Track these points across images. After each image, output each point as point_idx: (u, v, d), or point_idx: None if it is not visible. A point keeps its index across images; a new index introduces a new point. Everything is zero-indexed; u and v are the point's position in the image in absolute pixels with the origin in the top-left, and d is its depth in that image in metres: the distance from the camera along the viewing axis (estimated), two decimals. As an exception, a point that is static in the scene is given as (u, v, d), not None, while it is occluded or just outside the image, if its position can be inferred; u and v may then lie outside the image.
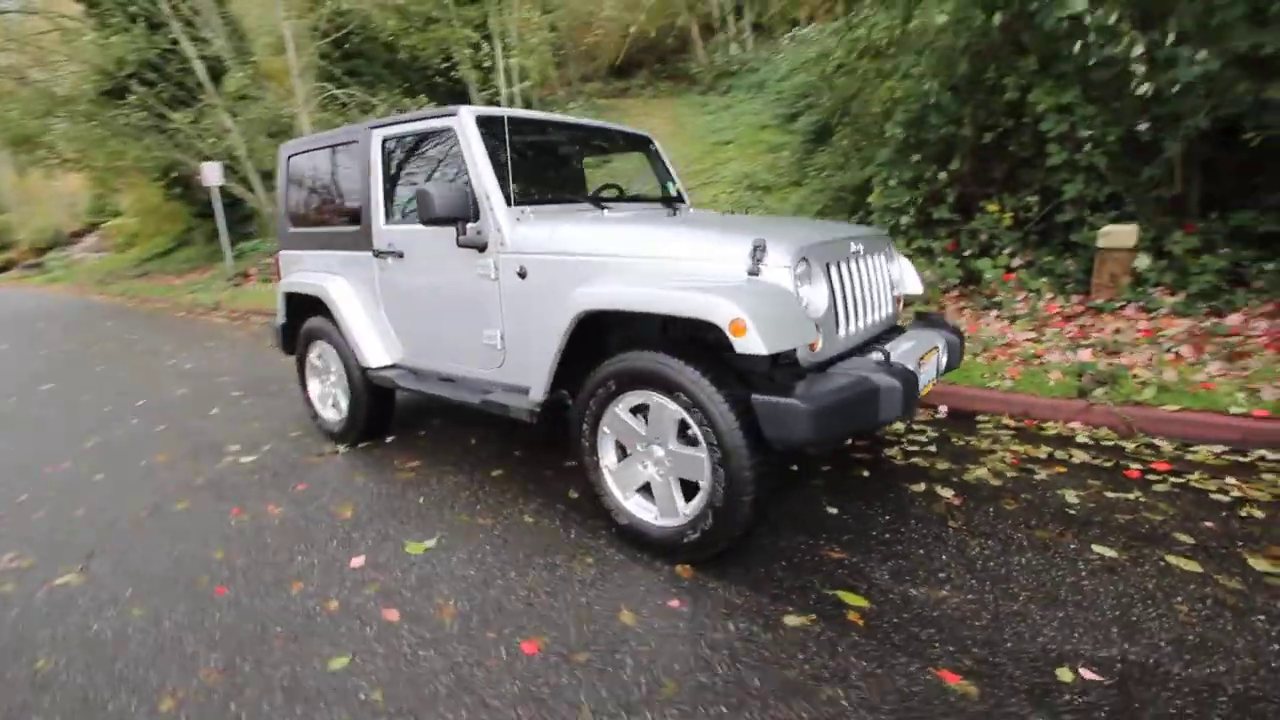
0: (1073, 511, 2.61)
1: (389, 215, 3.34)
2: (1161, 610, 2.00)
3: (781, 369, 2.20)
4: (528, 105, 15.49)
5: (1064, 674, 1.77)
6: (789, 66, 13.69)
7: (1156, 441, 3.17)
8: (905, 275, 3.16)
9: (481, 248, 2.87)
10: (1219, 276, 3.96)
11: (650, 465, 2.42)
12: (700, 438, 2.20)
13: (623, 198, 3.48)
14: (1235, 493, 2.66)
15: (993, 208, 5.18)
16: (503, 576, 2.40)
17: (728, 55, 17.68)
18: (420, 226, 3.18)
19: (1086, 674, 1.76)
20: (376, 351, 3.52)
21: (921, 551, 2.39)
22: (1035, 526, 2.51)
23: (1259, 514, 2.49)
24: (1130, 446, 3.16)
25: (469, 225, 2.87)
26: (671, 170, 3.91)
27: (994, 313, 4.73)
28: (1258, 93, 3.79)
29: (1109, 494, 2.73)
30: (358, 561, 2.56)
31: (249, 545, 2.75)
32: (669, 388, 2.23)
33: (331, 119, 12.84)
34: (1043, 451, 3.17)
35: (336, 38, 13.28)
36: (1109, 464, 3.00)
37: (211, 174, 12.32)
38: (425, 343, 3.32)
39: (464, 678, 1.88)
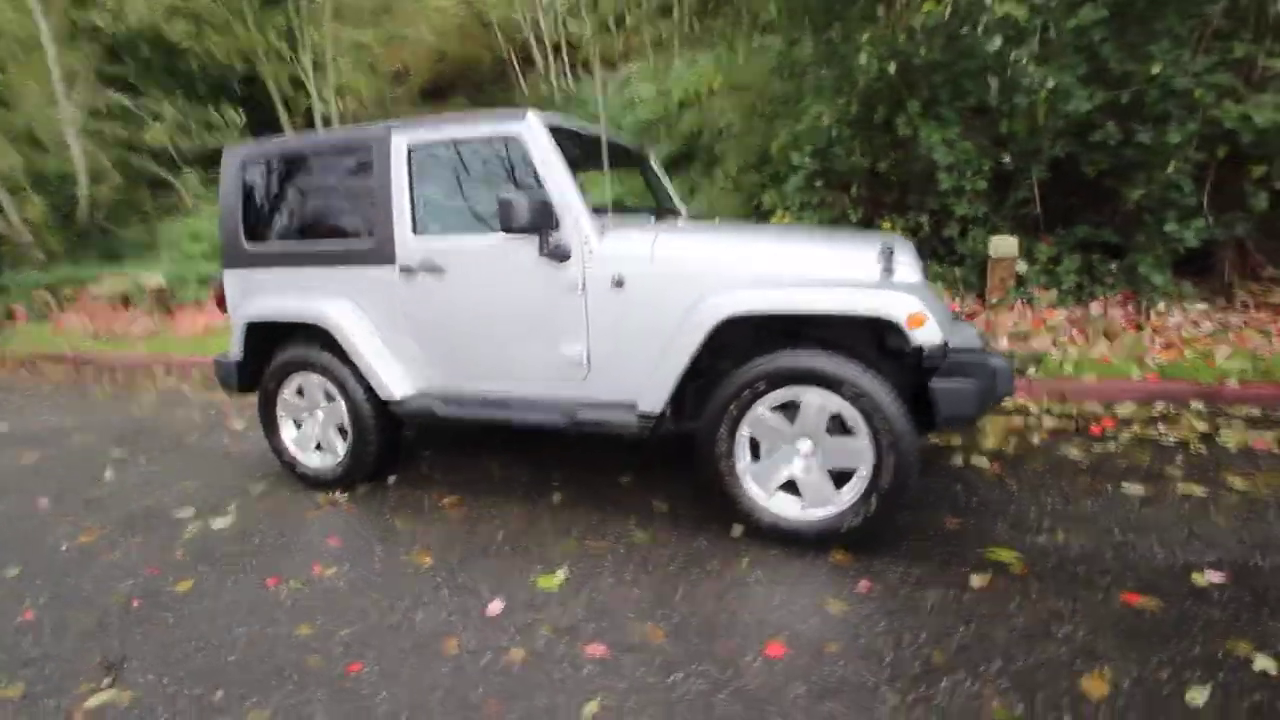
0: (1084, 464, 3.18)
1: (418, 227, 3.02)
2: (1211, 522, 2.55)
3: (931, 356, 2.43)
4: (343, 122, 14.38)
5: (1199, 579, 2.19)
6: (621, 102, 14.30)
7: (1088, 405, 3.96)
8: None
9: (563, 258, 2.74)
10: (1079, 275, 5.05)
11: (797, 460, 2.51)
12: (863, 427, 2.35)
13: (625, 208, 3.48)
14: (1172, 436, 3.44)
15: (887, 225, 6.01)
16: (675, 591, 2.31)
17: (551, 86, 18.00)
18: (468, 238, 2.95)
19: (1213, 576, 2.20)
20: (398, 380, 3.13)
21: (1014, 509, 2.75)
22: (1072, 477, 3.02)
23: (1202, 448, 3.26)
24: (1074, 410, 3.90)
25: (551, 235, 2.73)
26: (666, 183, 4.01)
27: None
28: (1086, 137, 4.93)
29: (1095, 448, 3.36)
30: (495, 607, 2.28)
31: (336, 613, 2.31)
32: (830, 382, 2.35)
33: (114, 130, 10.79)
34: (1018, 421, 3.79)
35: (109, 41, 11.24)
36: (1072, 426, 3.68)
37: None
38: (472, 365, 3.04)
39: (740, 691, 1.81)
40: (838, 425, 2.43)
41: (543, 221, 2.65)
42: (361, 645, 2.12)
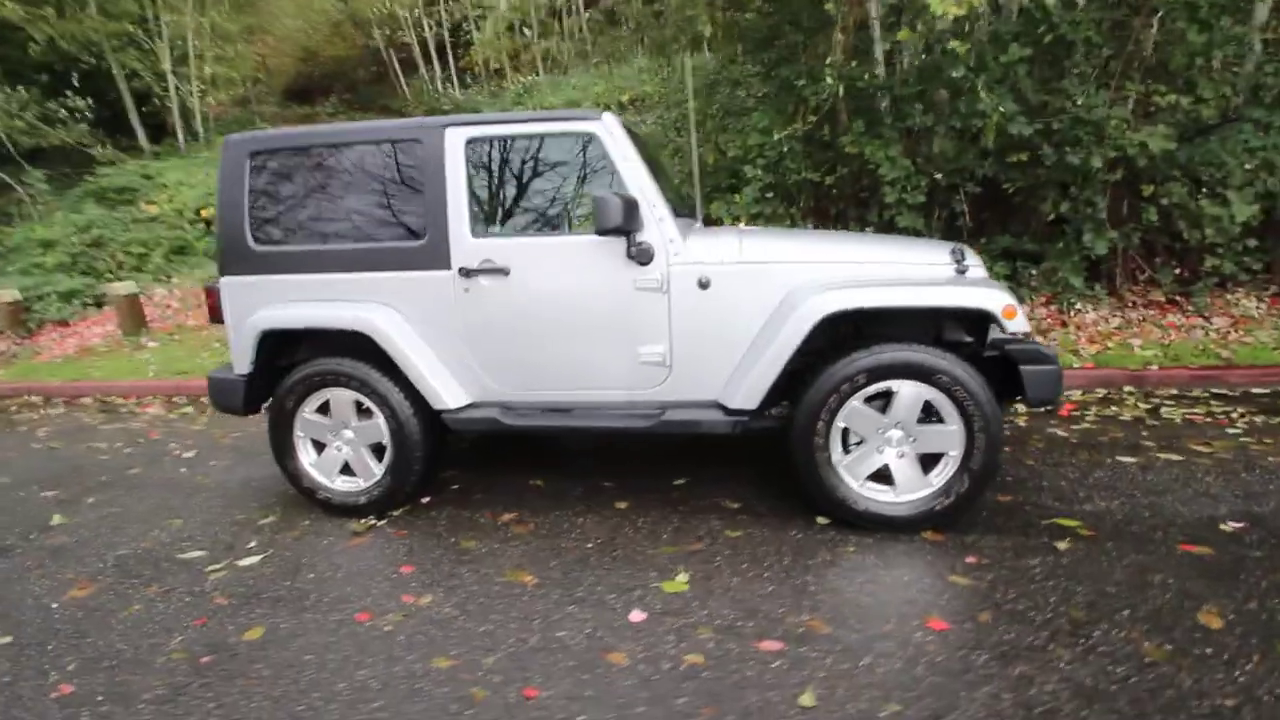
0: (1075, 441, 3.61)
1: (478, 227, 2.86)
2: (1203, 482, 3.01)
3: (1013, 342, 2.66)
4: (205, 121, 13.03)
5: (1225, 528, 2.59)
6: (528, 110, 14.14)
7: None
8: None
9: (647, 260, 2.73)
10: (1007, 280, 5.72)
11: (889, 449, 2.66)
12: (954, 413, 2.55)
13: None
14: (1125, 415, 4.00)
15: (832, 235, 6.45)
16: (806, 582, 2.37)
17: (437, 93, 17.37)
18: (537, 239, 2.85)
19: (1235, 525, 2.61)
20: (454, 390, 2.93)
21: (1045, 482, 3.08)
22: (1073, 452, 3.43)
23: (1155, 423, 3.83)
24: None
25: (638, 236, 2.71)
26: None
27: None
28: (1004, 159, 5.62)
29: (1074, 427, 3.83)
30: (637, 616, 2.21)
31: (464, 641, 2.14)
32: (926, 373, 2.53)
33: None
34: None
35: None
36: (1043, 410, 4.17)
37: None
38: (539, 371, 2.91)
39: (934, 665, 1.91)
40: (926, 413, 2.62)
41: (633, 223, 2.63)
42: (519, 670, 1.98)
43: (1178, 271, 5.47)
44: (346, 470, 3.11)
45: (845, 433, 2.68)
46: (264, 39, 17.49)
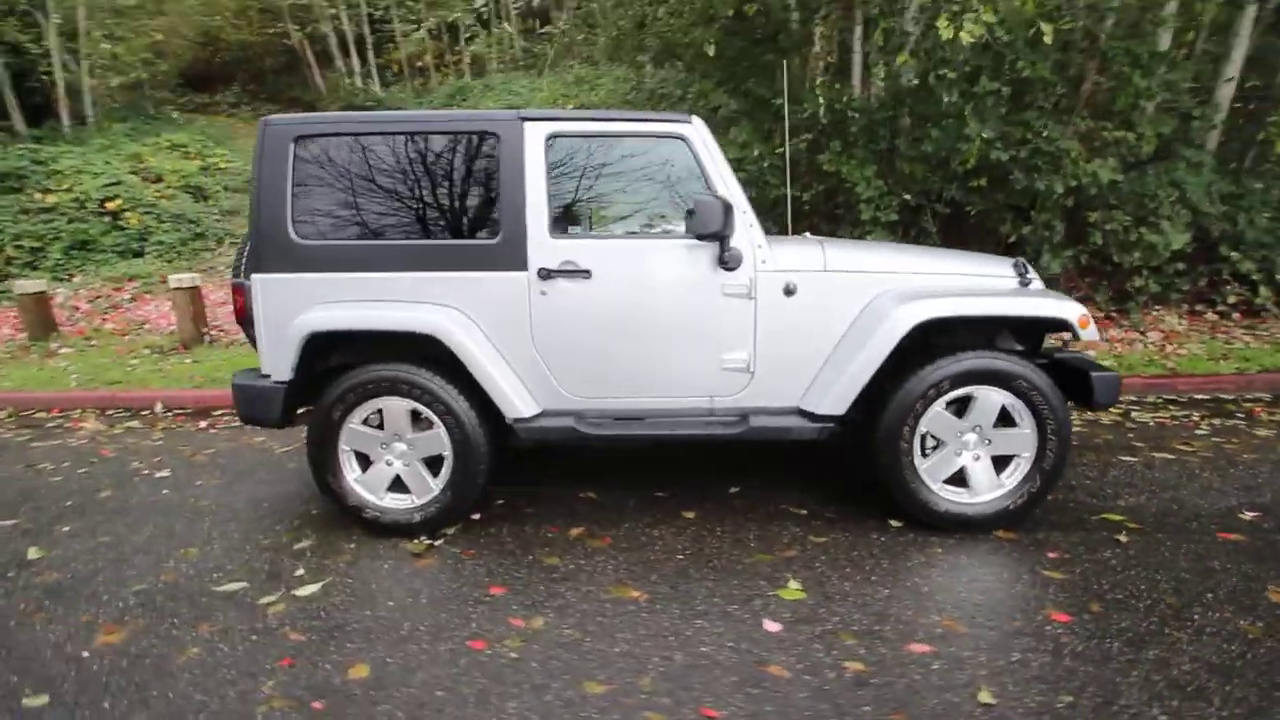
0: (1100, 441, 3.89)
1: (557, 227, 2.73)
2: (1203, 477, 3.34)
3: (1060, 352, 2.86)
4: (96, 105, 11.72)
5: (1244, 516, 2.89)
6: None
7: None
8: None
9: (736, 265, 2.71)
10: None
11: (965, 452, 2.77)
12: (1027, 416, 2.70)
13: None
14: (1104, 419, 4.39)
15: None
16: (914, 585, 2.42)
17: (357, 88, 16.52)
18: (621, 241, 2.82)
19: (1251, 514, 2.92)
20: (525, 398, 2.78)
21: (1089, 482, 3.29)
22: (1083, 454, 3.71)
23: (1132, 426, 4.22)
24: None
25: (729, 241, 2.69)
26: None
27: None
28: (965, 183, 6.06)
29: (1096, 429, 4.15)
30: (772, 626, 2.17)
31: (605, 663, 2.02)
32: (1005, 379, 2.66)
33: None
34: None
35: None
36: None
37: None
38: (617, 377, 2.81)
39: (1078, 655, 2.00)
40: (1000, 416, 2.75)
41: (730, 228, 2.61)
42: (682, 690, 1.89)
43: (1111, 292, 6.09)
44: (395, 486, 2.86)
45: (923, 438, 2.78)
46: (161, 19, 15.98)
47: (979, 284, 2.85)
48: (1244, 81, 6.01)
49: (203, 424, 4.61)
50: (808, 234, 3.63)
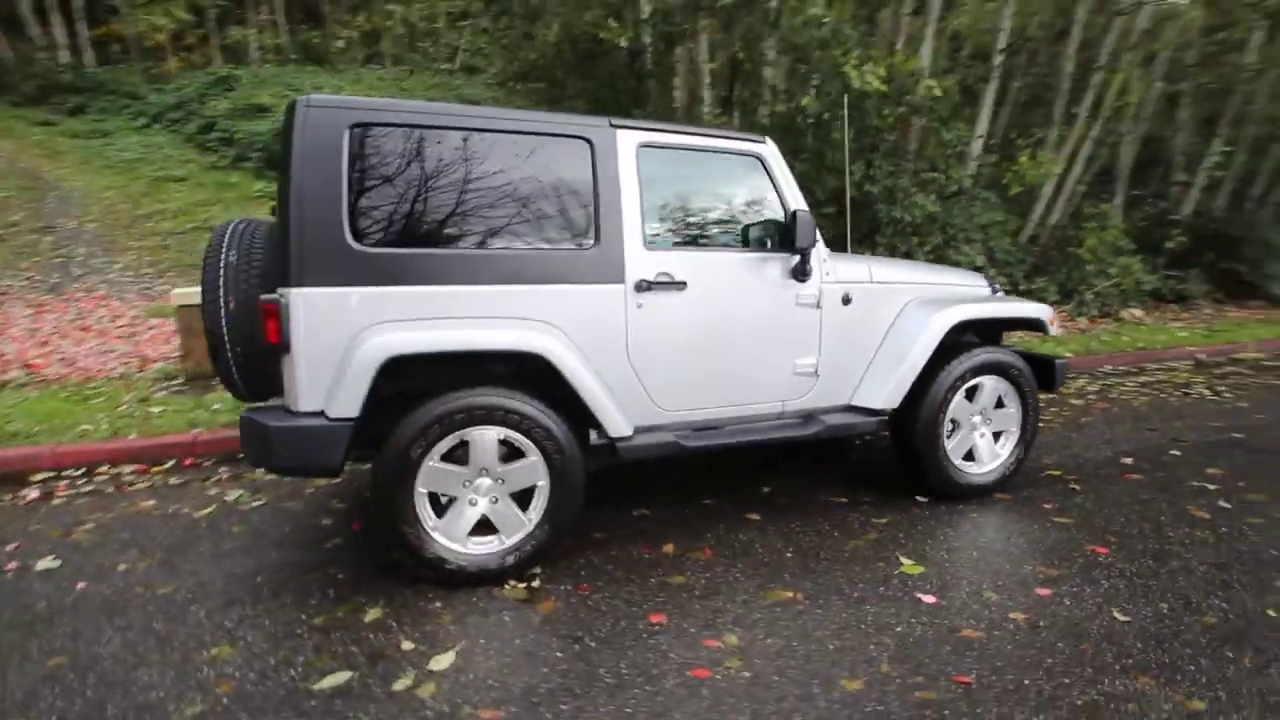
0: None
1: (650, 239, 2.66)
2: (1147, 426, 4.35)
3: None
4: None
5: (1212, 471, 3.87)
6: (234, 104, 11.71)
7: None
8: None
9: (807, 276, 2.92)
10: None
11: (974, 432, 3.29)
12: (1015, 399, 3.31)
13: None
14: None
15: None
16: (989, 544, 2.83)
17: (58, 64, 13.30)
18: (712, 253, 2.91)
19: (1212, 472, 3.90)
20: (622, 416, 2.64)
21: (1052, 440, 4.07)
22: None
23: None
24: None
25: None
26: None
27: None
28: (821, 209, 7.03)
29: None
30: (928, 598, 2.40)
31: (832, 662, 2.06)
32: (1004, 369, 3.24)
33: None
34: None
35: None
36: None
37: None
38: (704, 388, 2.82)
39: (1161, 579, 2.54)
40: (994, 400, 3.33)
41: (812, 242, 2.81)
42: (919, 666, 2.02)
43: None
44: (488, 526, 2.51)
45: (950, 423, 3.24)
46: None
47: (972, 292, 3.42)
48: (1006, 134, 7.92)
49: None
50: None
